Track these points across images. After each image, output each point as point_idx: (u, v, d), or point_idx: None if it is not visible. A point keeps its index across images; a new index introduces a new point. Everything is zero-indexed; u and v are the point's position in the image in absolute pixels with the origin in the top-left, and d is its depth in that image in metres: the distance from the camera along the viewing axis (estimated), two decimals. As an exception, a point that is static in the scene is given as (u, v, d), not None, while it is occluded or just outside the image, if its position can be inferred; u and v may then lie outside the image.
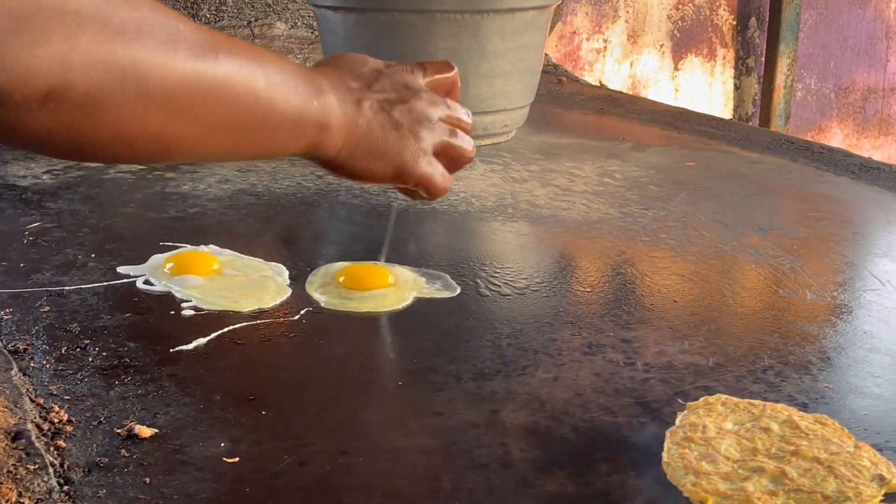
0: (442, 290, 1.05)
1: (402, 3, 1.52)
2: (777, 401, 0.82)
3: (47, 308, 0.99)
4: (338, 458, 0.75)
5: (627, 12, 2.73)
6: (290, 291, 1.04)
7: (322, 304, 1.01)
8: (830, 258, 1.20)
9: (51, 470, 0.71)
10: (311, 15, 2.17)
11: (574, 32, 2.66)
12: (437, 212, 1.32)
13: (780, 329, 1.00)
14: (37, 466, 0.71)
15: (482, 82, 1.56)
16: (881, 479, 0.71)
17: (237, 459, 0.74)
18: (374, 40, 1.55)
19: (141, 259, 1.11)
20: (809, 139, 2.81)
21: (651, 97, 2.73)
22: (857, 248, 1.23)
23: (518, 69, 1.59)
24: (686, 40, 2.82)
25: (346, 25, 1.59)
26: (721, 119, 2.35)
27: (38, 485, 0.69)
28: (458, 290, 1.05)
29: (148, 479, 0.71)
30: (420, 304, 1.02)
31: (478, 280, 1.08)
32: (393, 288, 1.03)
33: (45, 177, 1.41)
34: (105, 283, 1.05)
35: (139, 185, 1.41)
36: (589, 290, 1.11)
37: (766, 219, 1.32)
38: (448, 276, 1.08)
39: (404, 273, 1.07)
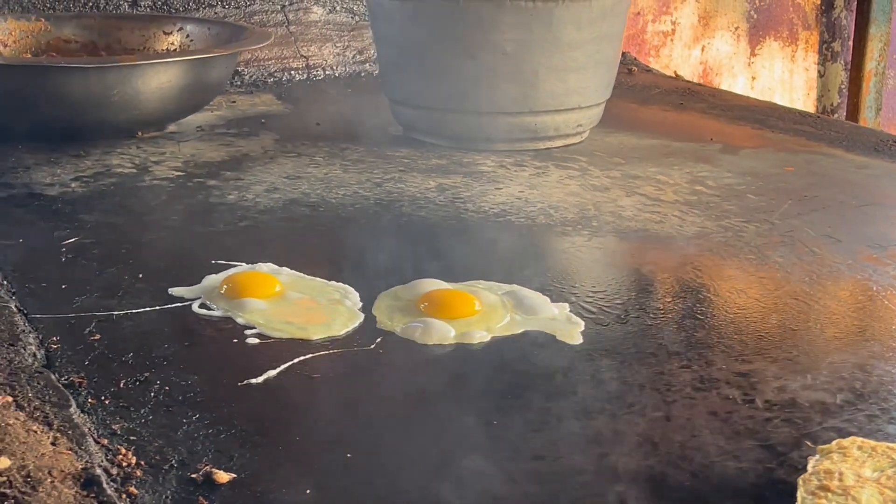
0: (534, 318, 1.05)
1: None
2: (919, 444, 0.82)
3: (97, 336, 0.99)
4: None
5: None
6: (362, 317, 1.04)
7: (400, 334, 1.01)
8: None
9: None
10: None
11: (639, 13, 2.67)
12: (513, 225, 1.32)
13: None
14: None
15: (554, 77, 1.58)
16: None
17: None
18: (435, 30, 1.57)
19: (193, 279, 1.11)
20: None
21: (724, 86, 2.75)
22: None
23: (594, 62, 1.61)
24: (764, 22, 2.84)
25: (404, 14, 1.61)
26: (819, 116, 2.35)
27: None
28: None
29: None
30: (511, 336, 1.02)
31: (569, 304, 1.08)
32: (480, 316, 1.03)
33: (73, 184, 1.43)
34: (158, 308, 1.06)
35: (179, 193, 1.42)
36: (693, 316, 1.10)
37: (882, 233, 1.31)
38: (543, 301, 1.08)
39: (489, 297, 1.07)
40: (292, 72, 2.08)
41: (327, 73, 2.10)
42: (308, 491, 0.77)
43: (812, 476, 0.78)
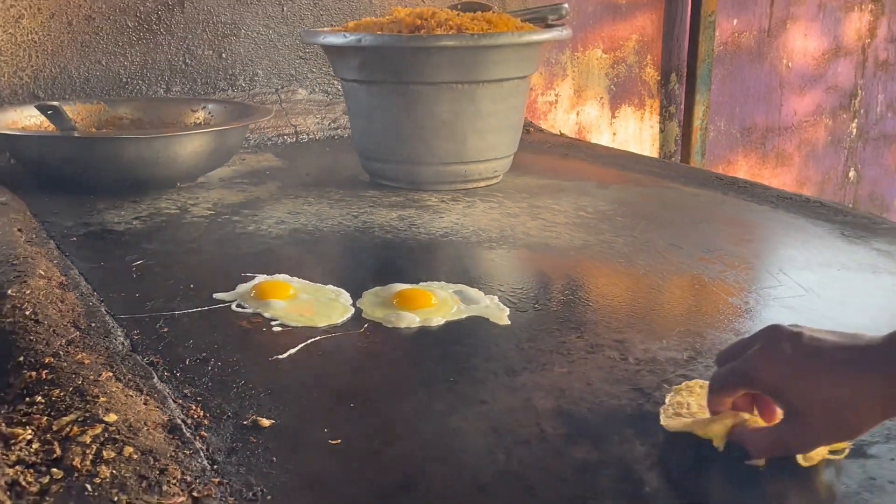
0: (474, 307, 1.07)
1: (412, 76, 1.52)
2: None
3: (166, 329, 1.01)
4: (415, 438, 0.79)
5: (574, 71, 2.73)
6: (352, 310, 1.06)
7: (380, 321, 1.03)
8: (763, 272, 1.23)
9: (201, 454, 0.75)
10: (327, 83, 2.18)
11: (532, 89, 2.66)
12: (453, 243, 1.34)
13: (733, 329, 1.03)
14: (191, 452, 0.74)
15: (477, 137, 1.58)
16: None
17: (339, 441, 0.78)
18: (391, 105, 1.57)
19: (230, 287, 1.12)
20: (721, 171, 2.85)
21: (594, 140, 2.72)
22: (783, 263, 1.25)
23: (505, 126, 1.62)
24: (621, 93, 2.82)
25: (367, 94, 1.60)
26: (662, 160, 2.39)
27: (195, 465, 0.72)
28: (485, 304, 1.07)
29: (274, 459, 0.75)
30: (458, 320, 1.04)
31: (497, 297, 1.10)
32: (435, 307, 1.05)
33: (135, 222, 1.42)
34: (206, 308, 1.07)
35: (212, 227, 1.42)
36: (584, 302, 1.13)
37: (710, 241, 1.34)
38: (479, 295, 1.09)
39: (441, 293, 1.09)
40: (285, 136, 2.07)
41: (311, 136, 2.09)
42: (325, 430, 0.79)
43: (669, 407, 0.82)
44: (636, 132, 2.89)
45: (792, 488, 0.73)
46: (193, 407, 0.83)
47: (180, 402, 0.84)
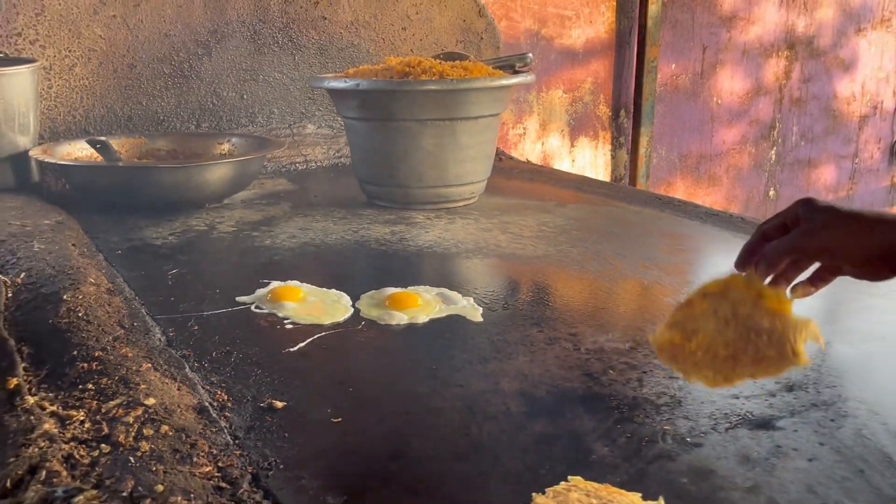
0: (453, 307, 1.07)
1: (402, 115, 1.53)
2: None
3: (196, 327, 1.01)
4: (402, 417, 0.80)
5: (539, 108, 2.74)
6: (352, 310, 1.06)
7: (375, 319, 1.04)
8: (694, 276, 1.25)
9: (225, 431, 0.76)
10: (332, 119, 2.18)
11: (504, 123, 2.66)
12: (437, 253, 1.34)
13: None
14: (216, 429, 0.75)
15: (458, 165, 1.59)
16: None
17: (340, 420, 0.78)
18: (383, 139, 1.57)
19: (249, 291, 1.13)
20: (662, 192, 2.86)
21: (556, 167, 2.72)
22: (709, 270, 1.26)
23: (480, 155, 1.62)
24: (578, 126, 2.82)
25: (364, 130, 1.60)
26: (612, 184, 2.40)
27: (220, 441, 0.73)
28: (462, 306, 1.07)
29: (286, 434, 0.76)
30: (440, 318, 1.05)
31: (473, 298, 1.11)
32: (421, 307, 1.06)
33: (170, 238, 1.42)
34: (230, 309, 1.08)
35: (235, 241, 1.42)
36: (544, 302, 1.14)
37: (650, 252, 1.35)
38: (458, 297, 1.10)
39: (426, 296, 1.10)
40: (296, 164, 2.06)
41: (318, 164, 2.09)
42: (329, 410, 0.80)
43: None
44: (592, 159, 2.90)
45: (715, 455, 0.74)
46: (219, 392, 0.84)
47: (208, 388, 0.85)
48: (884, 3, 3.36)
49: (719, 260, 1.31)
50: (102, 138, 1.62)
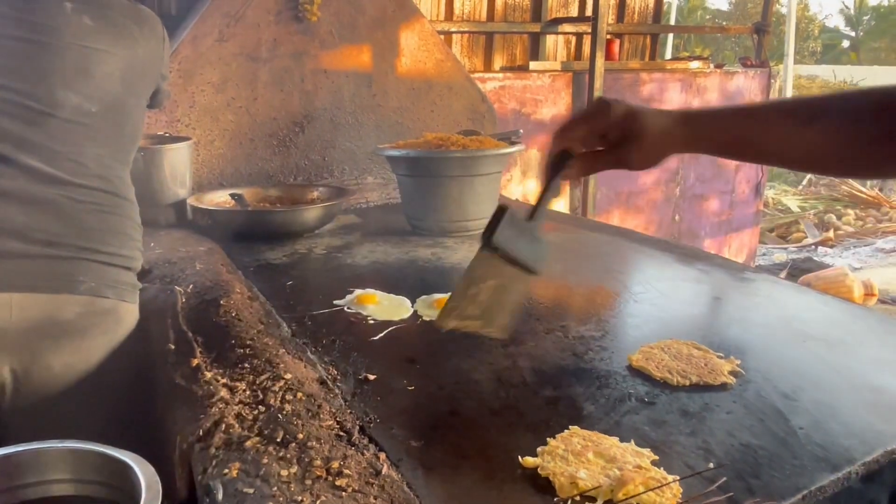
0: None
1: (437, 172, 1.51)
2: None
3: (309, 322, 1.00)
4: (454, 385, 0.79)
5: (521, 162, 2.71)
6: (412, 310, 1.04)
7: (428, 318, 1.02)
8: (637, 283, 1.21)
9: (339, 396, 0.76)
10: (384, 172, 2.15)
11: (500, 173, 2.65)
12: (463, 268, 1.22)
13: (625, 314, 1.01)
14: (333, 395, 0.75)
15: (475, 206, 1.55)
16: None
17: (413, 388, 0.78)
18: (425, 189, 1.55)
19: (342, 296, 1.10)
20: (604, 220, 2.83)
21: (532, 203, 2.69)
22: (647, 278, 1.23)
23: (489, 198, 1.58)
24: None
25: (411, 182, 1.59)
26: (574, 216, 2.37)
27: (336, 403, 0.74)
28: None
29: (379, 398, 0.76)
30: None
31: None
32: None
33: (283, 258, 1.40)
34: (330, 310, 1.06)
35: (327, 260, 1.39)
36: (541, 304, 1.11)
37: (606, 265, 1.32)
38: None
39: None
40: (361, 204, 2.04)
41: (375, 204, 2.06)
42: (404, 381, 0.80)
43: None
44: (558, 197, 2.87)
45: (665, 410, 0.73)
46: (330, 368, 0.84)
47: (323, 366, 0.85)
48: (751, 89, 3.37)
49: (653, 272, 1.29)
50: (239, 192, 1.62)
